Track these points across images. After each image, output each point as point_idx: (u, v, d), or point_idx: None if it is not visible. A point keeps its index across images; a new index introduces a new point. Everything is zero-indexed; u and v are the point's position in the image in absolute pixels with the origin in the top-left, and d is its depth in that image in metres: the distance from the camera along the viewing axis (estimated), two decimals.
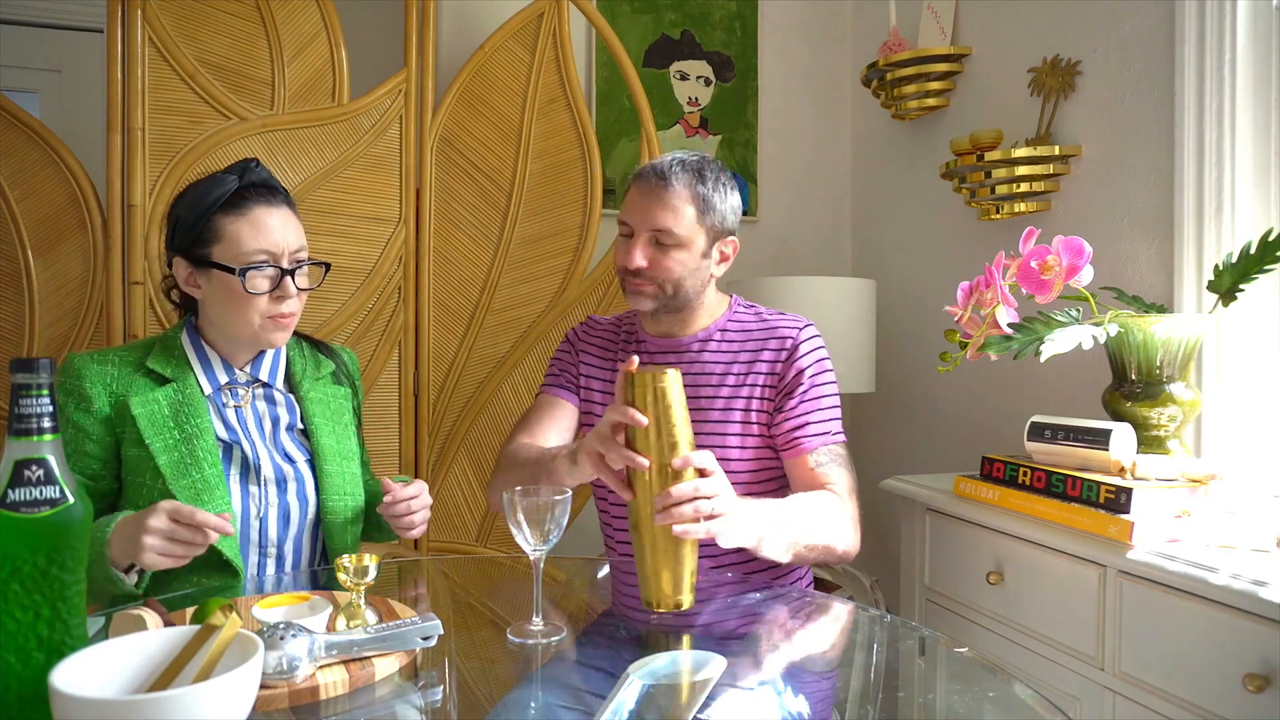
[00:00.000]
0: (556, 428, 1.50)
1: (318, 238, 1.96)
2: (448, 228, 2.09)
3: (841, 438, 1.43)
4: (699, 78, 2.56)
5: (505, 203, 2.11)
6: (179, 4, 1.85)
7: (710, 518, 1.07)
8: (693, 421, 1.41)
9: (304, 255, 1.27)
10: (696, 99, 2.56)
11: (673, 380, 1.06)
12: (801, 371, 1.41)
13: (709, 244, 1.41)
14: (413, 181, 2.05)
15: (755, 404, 1.43)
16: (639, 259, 1.38)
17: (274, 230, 1.22)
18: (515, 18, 2.12)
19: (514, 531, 1.03)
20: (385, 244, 2.03)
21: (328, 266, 1.31)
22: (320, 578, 1.29)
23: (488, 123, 2.11)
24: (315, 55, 1.97)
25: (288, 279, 1.23)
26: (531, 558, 1.04)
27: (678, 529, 1.03)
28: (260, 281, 1.21)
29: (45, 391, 0.74)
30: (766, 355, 1.43)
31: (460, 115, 2.09)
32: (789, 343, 1.43)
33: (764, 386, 1.43)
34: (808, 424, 1.40)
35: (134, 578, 1.13)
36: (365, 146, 2.01)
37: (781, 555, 1.27)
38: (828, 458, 1.40)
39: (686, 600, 1.07)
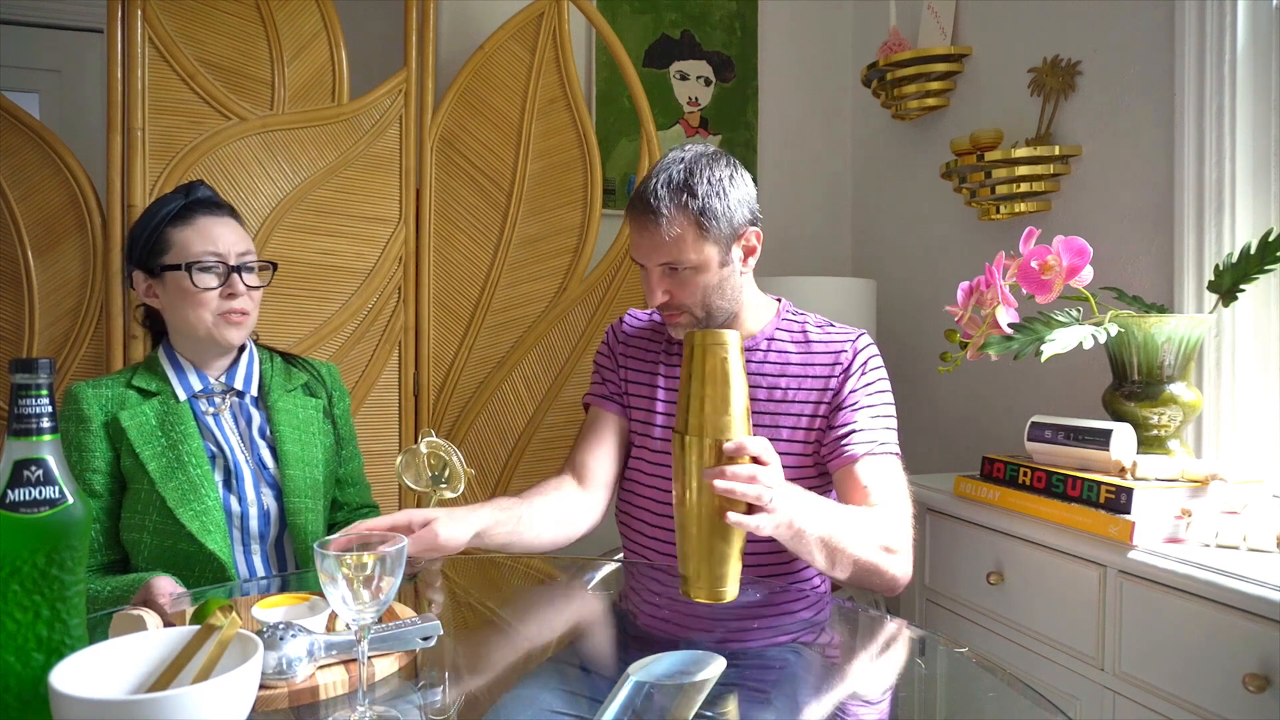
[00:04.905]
0: (604, 448, 1.44)
1: (318, 238, 1.96)
2: (448, 228, 2.09)
3: (892, 449, 1.32)
4: (699, 78, 2.56)
5: (505, 203, 2.11)
6: (179, 4, 1.85)
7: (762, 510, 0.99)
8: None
9: (251, 258, 1.37)
10: (696, 99, 2.56)
11: (732, 341, 0.93)
12: (855, 385, 1.33)
13: (724, 253, 1.30)
14: (413, 181, 2.05)
15: (804, 420, 1.34)
16: (659, 295, 1.31)
17: (219, 235, 1.34)
18: (515, 18, 2.12)
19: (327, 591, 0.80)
20: (385, 244, 2.03)
21: (274, 266, 1.42)
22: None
23: (488, 123, 2.11)
24: (315, 55, 1.97)
25: (235, 276, 1.34)
26: (352, 628, 0.80)
27: (731, 518, 0.95)
28: (207, 277, 1.32)
29: (45, 392, 0.74)
30: (818, 370, 1.35)
31: (460, 115, 2.09)
32: (844, 357, 1.35)
33: (815, 404, 1.34)
34: (854, 430, 1.30)
35: None
36: (365, 146, 2.00)
37: (820, 563, 1.15)
38: (878, 469, 1.29)
39: (731, 591, 0.98)
